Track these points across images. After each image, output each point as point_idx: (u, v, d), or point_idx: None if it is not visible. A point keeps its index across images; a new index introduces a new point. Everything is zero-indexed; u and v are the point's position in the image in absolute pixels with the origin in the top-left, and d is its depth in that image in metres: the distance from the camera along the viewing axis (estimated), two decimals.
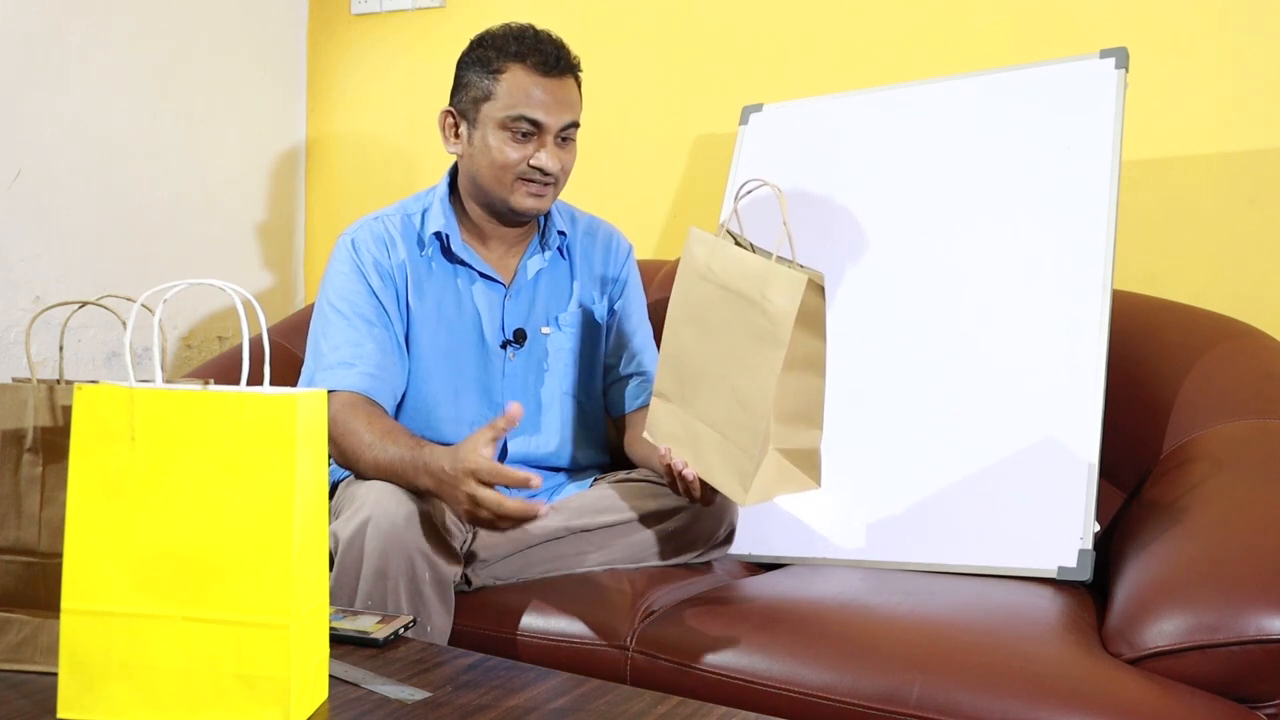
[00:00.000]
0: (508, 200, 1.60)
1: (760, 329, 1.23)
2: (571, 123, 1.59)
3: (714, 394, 1.31)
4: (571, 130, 1.60)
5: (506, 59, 1.56)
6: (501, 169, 1.58)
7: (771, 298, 1.22)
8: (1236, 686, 1.11)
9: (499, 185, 1.59)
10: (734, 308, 1.28)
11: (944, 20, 1.98)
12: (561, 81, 1.58)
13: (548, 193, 1.60)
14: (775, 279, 1.22)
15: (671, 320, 1.40)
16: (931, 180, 1.72)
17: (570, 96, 1.59)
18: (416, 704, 0.99)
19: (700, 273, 1.34)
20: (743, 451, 1.26)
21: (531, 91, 1.55)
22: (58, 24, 2.13)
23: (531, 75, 1.56)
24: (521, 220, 1.65)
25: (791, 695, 1.19)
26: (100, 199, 2.23)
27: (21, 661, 1.04)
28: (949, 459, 1.55)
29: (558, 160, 1.58)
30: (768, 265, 1.24)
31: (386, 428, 1.46)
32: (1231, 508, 1.31)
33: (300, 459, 0.92)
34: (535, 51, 1.56)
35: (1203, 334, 1.62)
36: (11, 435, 1.05)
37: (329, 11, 2.63)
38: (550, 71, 1.56)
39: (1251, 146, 1.77)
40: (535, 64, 1.56)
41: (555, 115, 1.57)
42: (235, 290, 0.95)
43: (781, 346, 1.20)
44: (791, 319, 1.19)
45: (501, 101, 1.56)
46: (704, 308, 1.33)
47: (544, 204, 1.61)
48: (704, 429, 1.33)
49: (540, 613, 1.40)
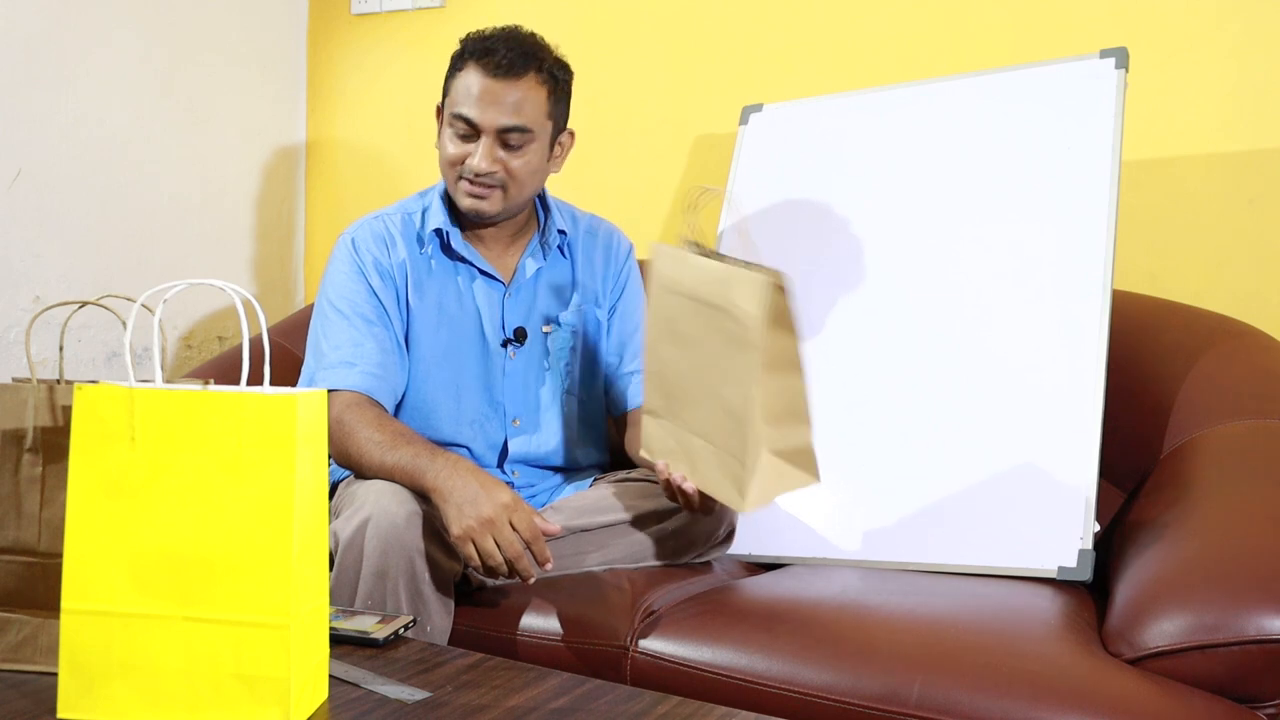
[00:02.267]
0: (455, 198, 1.61)
1: (733, 335, 1.24)
2: (512, 126, 1.54)
3: (701, 405, 1.32)
4: (515, 135, 1.55)
5: (465, 58, 1.57)
6: (447, 165, 1.60)
7: (738, 303, 1.22)
8: (1236, 686, 1.11)
9: (447, 181, 1.61)
10: (705, 317, 1.28)
11: (944, 20, 1.98)
12: (509, 83, 1.54)
13: (490, 195, 1.58)
14: (738, 284, 1.23)
15: (649, 339, 1.40)
16: (932, 180, 1.72)
17: (515, 99, 1.54)
18: (416, 704, 0.99)
19: (668, 287, 1.35)
20: (736, 459, 1.27)
21: (471, 90, 1.55)
22: (58, 24, 2.13)
23: (478, 75, 1.55)
24: (488, 223, 1.64)
25: (791, 695, 1.19)
26: (100, 199, 2.23)
27: (21, 661, 1.04)
28: (949, 459, 1.55)
29: (493, 163, 1.55)
30: (728, 271, 1.24)
31: (397, 429, 1.47)
32: (1231, 508, 1.31)
33: (300, 459, 0.92)
34: (488, 52, 1.55)
35: (1203, 334, 1.62)
36: (11, 435, 1.05)
37: (329, 11, 2.63)
38: (497, 73, 1.54)
39: (1251, 146, 1.77)
40: (484, 64, 1.54)
41: (489, 116, 1.54)
42: (235, 290, 0.95)
43: (756, 349, 1.21)
44: (761, 322, 1.20)
45: (451, 99, 1.58)
46: (677, 321, 1.34)
47: (486, 205, 1.58)
48: (696, 441, 1.34)
49: (540, 613, 1.40)
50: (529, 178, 1.60)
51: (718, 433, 1.30)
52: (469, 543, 1.32)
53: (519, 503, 1.34)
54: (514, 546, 1.32)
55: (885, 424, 1.62)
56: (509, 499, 1.34)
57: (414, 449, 1.42)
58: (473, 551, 1.32)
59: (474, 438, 1.64)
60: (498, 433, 1.66)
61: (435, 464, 1.38)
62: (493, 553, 1.32)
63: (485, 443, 1.65)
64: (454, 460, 1.39)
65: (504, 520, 1.32)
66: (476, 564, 1.34)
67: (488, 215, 1.61)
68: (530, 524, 1.33)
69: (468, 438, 1.64)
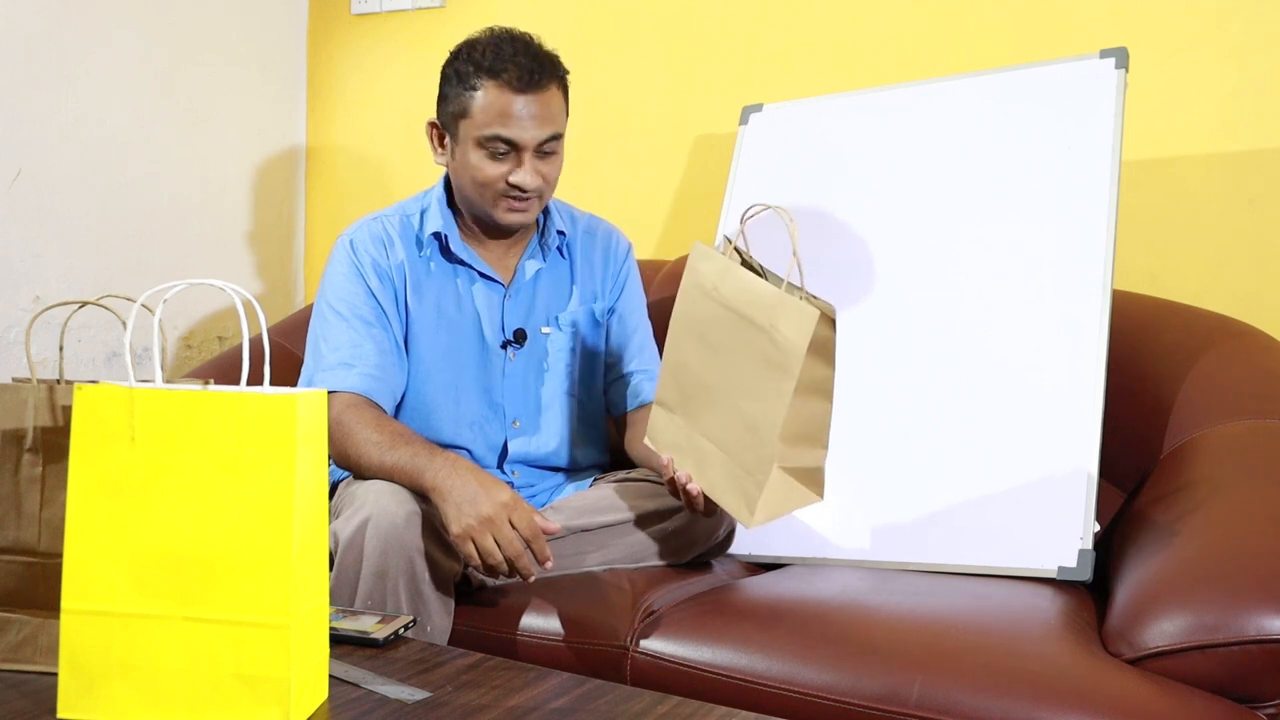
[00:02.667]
0: (492, 215, 1.59)
1: (769, 357, 1.24)
2: (551, 135, 1.55)
3: (719, 412, 1.32)
4: (552, 143, 1.56)
5: (481, 74, 1.52)
6: (482, 186, 1.56)
7: (781, 329, 1.23)
8: (1236, 686, 1.11)
9: (482, 201, 1.59)
10: (741, 331, 1.28)
11: (944, 20, 1.98)
12: (539, 95, 1.53)
13: (530, 205, 1.59)
14: (785, 310, 1.23)
15: (674, 333, 1.40)
16: (932, 180, 1.72)
17: (549, 110, 1.54)
18: (416, 704, 0.99)
19: (706, 290, 1.34)
20: (749, 475, 1.27)
21: (505, 110, 1.52)
22: (58, 24, 2.13)
23: (505, 93, 1.51)
24: (510, 232, 1.65)
25: (791, 695, 1.19)
26: (100, 199, 2.23)
27: (21, 661, 1.04)
28: (949, 459, 1.55)
29: (537, 177, 1.55)
30: (778, 295, 1.24)
31: (396, 430, 1.47)
32: (1231, 508, 1.31)
33: (300, 459, 0.92)
34: (510, 66, 1.51)
35: (1203, 334, 1.62)
36: (11, 435, 1.05)
37: (329, 12, 2.63)
38: (526, 88, 1.52)
39: (1251, 146, 1.77)
40: (509, 80, 1.51)
41: (531, 132, 1.53)
42: (235, 290, 0.95)
43: (792, 378, 1.21)
44: (803, 352, 1.20)
45: (477, 120, 1.53)
46: (709, 325, 1.33)
47: (528, 217, 1.60)
48: (708, 445, 1.34)
49: (540, 613, 1.40)
50: (558, 179, 1.62)
51: (733, 444, 1.30)
52: (469, 541, 1.32)
53: (518, 501, 1.34)
54: (514, 545, 1.32)
55: (885, 424, 1.62)
56: (508, 498, 1.34)
57: (413, 449, 1.42)
58: (473, 550, 1.32)
59: (474, 439, 1.64)
60: (497, 434, 1.66)
61: (434, 463, 1.38)
62: (492, 551, 1.32)
63: (485, 444, 1.65)
64: (453, 459, 1.39)
65: (503, 519, 1.32)
66: (476, 563, 1.33)
67: (527, 224, 1.63)
68: (530, 522, 1.33)
69: (468, 439, 1.64)
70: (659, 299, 1.94)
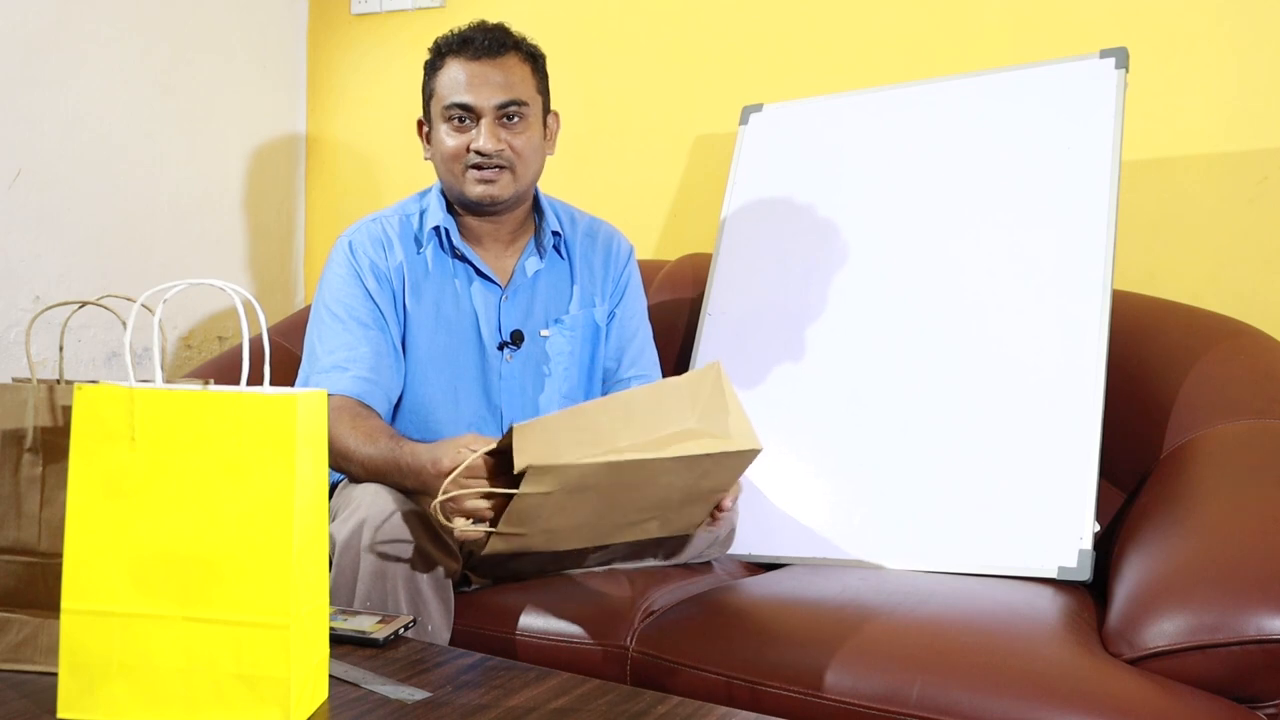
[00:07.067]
0: (463, 191, 1.60)
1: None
2: (509, 101, 1.57)
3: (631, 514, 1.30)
4: (514, 108, 1.58)
5: (444, 55, 1.61)
6: (451, 159, 1.60)
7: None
8: (1236, 686, 1.11)
9: (453, 177, 1.61)
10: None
11: (944, 20, 1.98)
12: (494, 62, 1.58)
13: (500, 177, 1.59)
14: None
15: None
16: (932, 180, 1.72)
17: (508, 77, 1.58)
18: (416, 704, 0.99)
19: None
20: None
21: (460, 78, 1.58)
22: (58, 24, 2.13)
23: (463, 64, 1.58)
24: (487, 211, 1.64)
25: (791, 695, 1.19)
26: (100, 199, 2.23)
27: (21, 661, 1.04)
28: (949, 459, 1.55)
29: (498, 142, 1.57)
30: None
31: (369, 429, 1.46)
32: (1231, 508, 1.31)
33: (300, 459, 0.92)
34: (466, 42, 1.59)
35: (1203, 334, 1.62)
36: (11, 435, 1.05)
37: (329, 11, 2.63)
38: (479, 56, 1.58)
39: (1251, 146, 1.77)
40: (465, 52, 1.58)
41: (484, 96, 1.57)
42: (235, 290, 0.95)
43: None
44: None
45: (440, 95, 1.60)
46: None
47: (497, 190, 1.59)
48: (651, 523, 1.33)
49: (540, 613, 1.40)
50: (532, 155, 1.62)
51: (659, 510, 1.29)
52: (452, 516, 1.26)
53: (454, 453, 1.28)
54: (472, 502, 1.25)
55: (885, 424, 1.62)
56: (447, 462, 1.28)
57: (377, 448, 1.43)
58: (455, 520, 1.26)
59: None
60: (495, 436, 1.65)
61: (399, 460, 1.39)
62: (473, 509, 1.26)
63: None
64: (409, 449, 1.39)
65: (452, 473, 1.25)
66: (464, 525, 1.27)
67: (500, 201, 1.61)
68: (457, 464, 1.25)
69: None
70: (658, 301, 1.94)
